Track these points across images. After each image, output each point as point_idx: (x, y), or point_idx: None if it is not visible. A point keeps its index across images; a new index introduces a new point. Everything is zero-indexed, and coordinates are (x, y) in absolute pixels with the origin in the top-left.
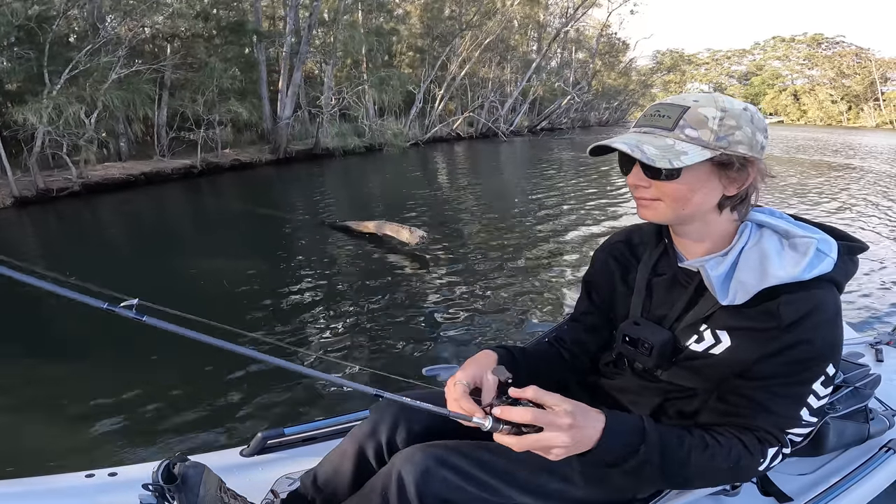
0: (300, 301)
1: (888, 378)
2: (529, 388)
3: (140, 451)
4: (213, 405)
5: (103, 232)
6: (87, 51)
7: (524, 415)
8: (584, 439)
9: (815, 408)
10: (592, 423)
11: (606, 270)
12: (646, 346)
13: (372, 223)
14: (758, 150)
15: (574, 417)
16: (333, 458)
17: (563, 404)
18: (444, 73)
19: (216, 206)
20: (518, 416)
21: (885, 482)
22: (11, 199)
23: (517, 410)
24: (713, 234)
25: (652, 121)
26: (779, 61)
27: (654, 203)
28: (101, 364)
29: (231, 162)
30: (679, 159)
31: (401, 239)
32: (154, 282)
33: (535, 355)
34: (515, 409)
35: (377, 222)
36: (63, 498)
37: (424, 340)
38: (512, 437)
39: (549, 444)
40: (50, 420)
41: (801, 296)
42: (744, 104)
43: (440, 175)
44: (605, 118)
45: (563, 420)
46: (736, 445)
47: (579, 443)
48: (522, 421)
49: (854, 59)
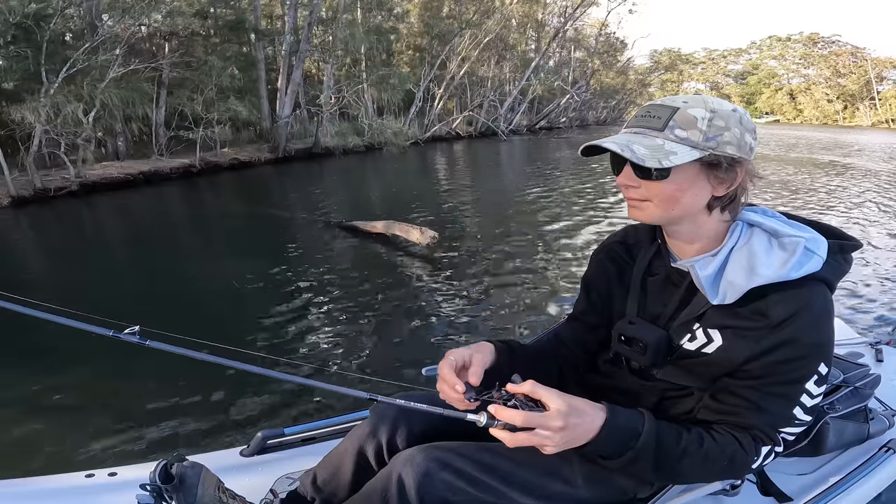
0: (305, 302)
1: (888, 378)
2: (527, 382)
3: (141, 451)
4: (213, 405)
5: (102, 233)
6: (85, 49)
7: (515, 417)
8: (578, 437)
9: (809, 406)
10: (588, 421)
11: (603, 271)
12: (641, 345)
13: (380, 223)
14: (746, 151)
15: (566, 419)
16: (333, 459)
17: (558, 403)
18: (444, 71)
19: (217, 205)
20: (510, 417)
21: (885, 482)
22: (9, 198)
23: (509, 412)
24: (704, 235)
25: (642, 121)
26: (775, 60)
27: (643, 203)
28: (100, 364)
29: (230, 161)
30: (668, 159)
31: (411, 239)
32: (156, 286)
33: (534, 352)
34: (508, 410)
35: (386, 222)
36: (63, 498)
37: (431, 341)
38: (506, 433)
39: (539, 444)
40: (50, 420)
41: (789, 295)
42: (733, 105)
43: (442, 174)
44: (602, 117)
45: (553, 423)
46: (731, 444)
47: (571, 441)
48: (514, 423)
49: (850, 59)
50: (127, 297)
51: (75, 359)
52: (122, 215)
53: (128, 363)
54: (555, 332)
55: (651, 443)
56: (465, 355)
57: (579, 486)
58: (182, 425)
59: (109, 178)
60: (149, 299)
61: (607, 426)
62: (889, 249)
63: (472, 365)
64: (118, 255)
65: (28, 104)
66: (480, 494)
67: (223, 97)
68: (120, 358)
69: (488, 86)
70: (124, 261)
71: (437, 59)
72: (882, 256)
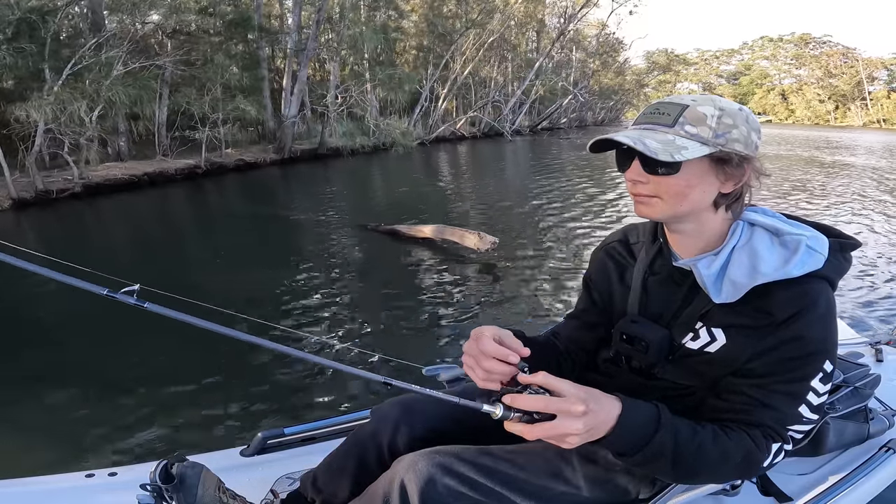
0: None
1: (888, 378)
2: (539, 373)
3: (141, 451)
4: (214, 405)
5: (107, 237)
6: (91, 45)
7: (536, 402)
8: (599, 425)
9: (815, 405)
10: (607, 409)
11: (604, 269)
12: (643, 344)
13: (428, 228)
14: (752, 150)
15: (587, 404)
16: (334, 460)
17: (576, 390)
18: (447, 72)
19: (234, 208)
20: (529, 403)
21: (885, 482)
22: (9, 201)
23: (528, 398)
24: (707, 233)
25: (652, 118)
26: (767, 61)
27: (651, 200)
28: (100, 364)
29: (235, 162)
30: (680, 153)
31: (466, 245)
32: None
33: (535, 344)
34: (526, 396)
35: (435, 227)
36: (63, 498)
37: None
38: (524, 426)
39: (562, 432)
40: (50, 420)
41: (792, 293)
42: (739, 105)
43: (458, 175)
44: (600, 118)
45: (576, 407)
46: (744, 440)
47: (593, 429)
48: (534, 409)
49: (841, 59)
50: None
51: (75, 358)
52: (129, 219)
53: (128, 364)
54: (554, 331)
55: (669, 436)
56: (495, 332)
57: (581, 488)
58: (182, 425)
59: (113, 180)
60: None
61: (624, 416)
62: (889, 249)
63: (507, 340)
64: (126, 263)
65: (33, 101)
66: (483, 499)
67: (230, 96)
68: (120, 358)
69: (491, 86)
70: (135, 272)
71: (441, 59)
72: (882, 256)
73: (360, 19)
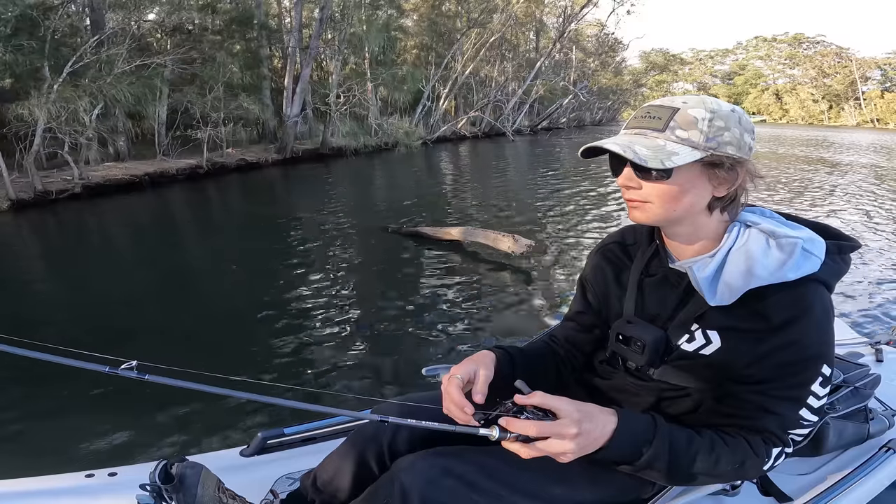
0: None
1: (888, 378)
2: (536, 393)
3: (141, 451)
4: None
5: (109, 240)
6: (92, 42)
7: (528, 428)
8: (592, 443)
9: (816, 408)
10: (601, 427)
11: (600, 271)
12: (638, 345)
13: (455, 230)
14: (746, 151)
15: (580, 426)
16: (334, 460)
17: (570, 410)
18: (448, 71)
19: (238, 209)
20: (522, 428)
21: (885, 482)
22: (8, 202)
23: (522, 423)
24: (703, 236)
25: (642, 122)
26: (761, 61)
27: (644, 205)
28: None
29: (237, 162)
30: (670, 159)
31: (499, 248)
32: (179, 304)
33: (531, 354)
34: (520, 421)
35: (464, 228)
36: (63, 498)
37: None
38: (520, 445)
39: (555, 452)
40: (50, 420)
41: (788, 296)
42: (731, 106)
43: (464, 174)
44: (598, 118)
45: (568, 430)
46: (742, 447)
47: (586, 447)
48: (527, 433)
49: (835, 59)
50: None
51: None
52: (131, 220)
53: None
54: (550, 334)
55: (664, 447)
56: (470, 371)
57: (581, 488)
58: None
59: (114, 180)
60: (172, 325)
61: (619, 430)
62: (889, 249)
63: (477, 382)
64: (127, 268)
65: (34, 99)
66: (483, 499)
67: (231, 95)
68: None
69: (492, 86)
70: (137, 278)
71: (442, 58)
72: (882, 256)
73: (363, 18)
